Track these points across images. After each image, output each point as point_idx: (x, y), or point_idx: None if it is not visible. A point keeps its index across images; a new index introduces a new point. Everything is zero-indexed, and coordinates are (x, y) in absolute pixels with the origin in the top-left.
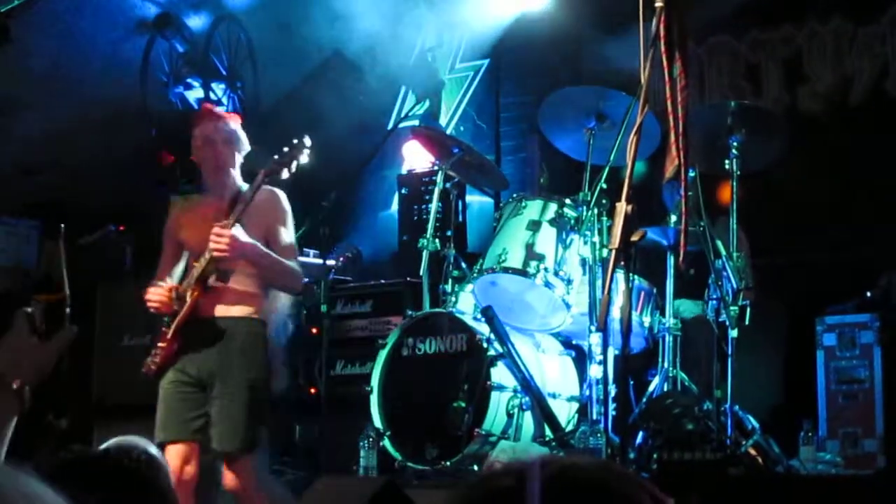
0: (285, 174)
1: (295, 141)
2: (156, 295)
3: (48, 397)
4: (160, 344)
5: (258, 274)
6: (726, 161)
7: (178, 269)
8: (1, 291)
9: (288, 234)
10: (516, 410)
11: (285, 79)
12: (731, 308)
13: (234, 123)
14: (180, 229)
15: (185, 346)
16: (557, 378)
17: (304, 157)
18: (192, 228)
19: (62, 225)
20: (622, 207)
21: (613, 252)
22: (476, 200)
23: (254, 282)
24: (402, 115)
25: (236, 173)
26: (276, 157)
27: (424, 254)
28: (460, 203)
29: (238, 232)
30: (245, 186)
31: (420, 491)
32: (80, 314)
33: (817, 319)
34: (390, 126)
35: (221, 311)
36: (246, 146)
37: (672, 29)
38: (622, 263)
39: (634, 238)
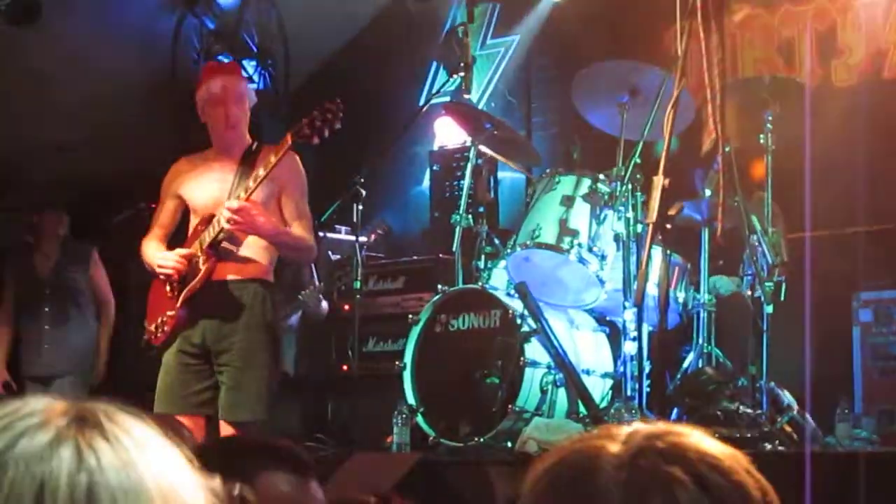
0: (315, 141)
1: (328, 104)
2: (170, 262)
3: None
4: (169, 313)
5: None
6: (761, 136)
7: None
8: None
9: (301, 200)
10: (550, 387)
11: (316, 55)
12: (767, 284)
13: (241, 78)
14: (182, 185)
15: (191, 313)
16: (591, 354)
17: (338, 123)
18: (196, 187)
19: None
20: (659, 181)
21: (650, 226)
22: (508, 176)
23: (263, 243)
24: (434, 91)
25: (245, 129)
26: (305, 120)
27: (457, 230)
28: (492, 179)
29: (255, 207)
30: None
31: (453, 467)
32: (114, 291)
33: (853, 295)
34: (421, 102)
35: (230, 274)
36: (253, 99)
37: (709, 2)
38: (659, 238)
39: (671, 212)
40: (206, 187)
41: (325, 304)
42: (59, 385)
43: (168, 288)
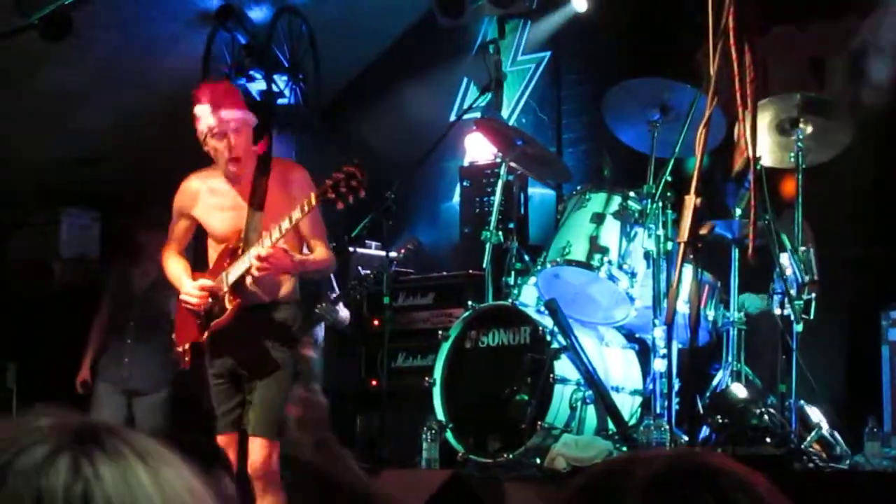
0: (340, 206)
1: (348, 168)
2: (194, 298)
3: None
4: (195, 342)
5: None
6: (791, 154)
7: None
8: (66, 283)
9: (317, 216)
10: (579, 404)
11: (347, 70)
12: (796, 302)
13: (237, 103)
14: (195, 208)
15: (220, 339)
16: (621, 371)
17: (363, 192)
18: (212, 215)
19: None
20: (691, 200)
21: (682, 245)
22: (538, 192)
23: None
24: (465, 106)
25: (249, 154)
26: (329, 182)
27: (487, 246)
28: (522, 195)
29: (278, 253)
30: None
31: (482, 483)
32: None
33: (882, 314)
34: (453, 118)
35: (257, 298)
36: (253, 119)
37: (741, 21)
38: (690, 256)
39: (703, 231)
40: (223, 216)
41: (344, 313)
42: (140, 403)
43: (194, 314)
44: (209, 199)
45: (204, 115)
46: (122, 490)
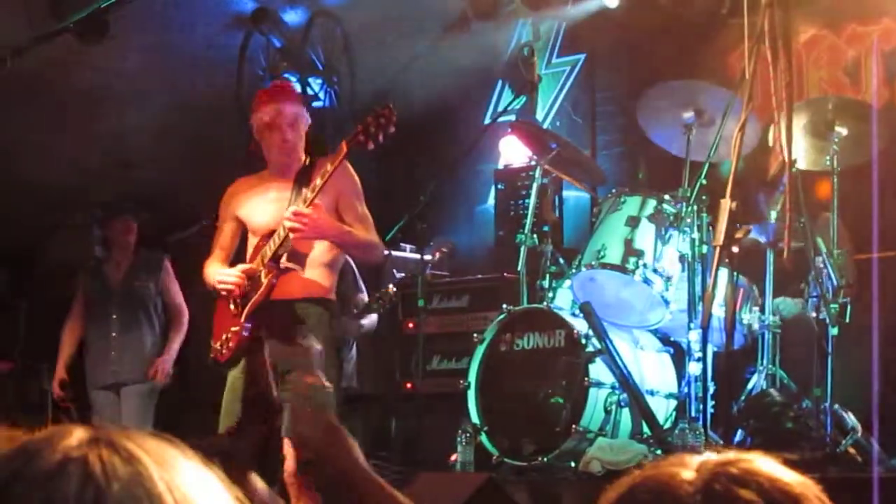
0: (371, 146)
1: (380, 110)
2: (231, 277)
3: None
4: (233, 329)
5: (337, 250)
6: (826, 157)
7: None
8: None
9: (359, 203)
10: (614, 407)
11: (381, 73)
12: (832, 305)
13: (295, 101)
14: (239, 207)
15: (256, 330)
16: (655, 375)
17: (392, 128)
18: (254, 209)
19: None
20: (726, 204)
21: (717, 249)
22: (572, 196)
23: (325, 261)
24: (499, 109)
25: (300, 151)
26: (360, 127)
27: (522, 249)
28: (557, 198)
29: (317, 211)
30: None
31: (517, 486)
32: None
33: None
34: (487, 121)
35: (293, 292)
36: (308, 119)
37: (777, 25)
38: (725, 260)
39: (739, 235)
40: (265, 208)
41: (367, 321)
42: (126, 393)
43: (232, 305)
44: (253, 195)
45: (261, 111)
46: (136, 493)
